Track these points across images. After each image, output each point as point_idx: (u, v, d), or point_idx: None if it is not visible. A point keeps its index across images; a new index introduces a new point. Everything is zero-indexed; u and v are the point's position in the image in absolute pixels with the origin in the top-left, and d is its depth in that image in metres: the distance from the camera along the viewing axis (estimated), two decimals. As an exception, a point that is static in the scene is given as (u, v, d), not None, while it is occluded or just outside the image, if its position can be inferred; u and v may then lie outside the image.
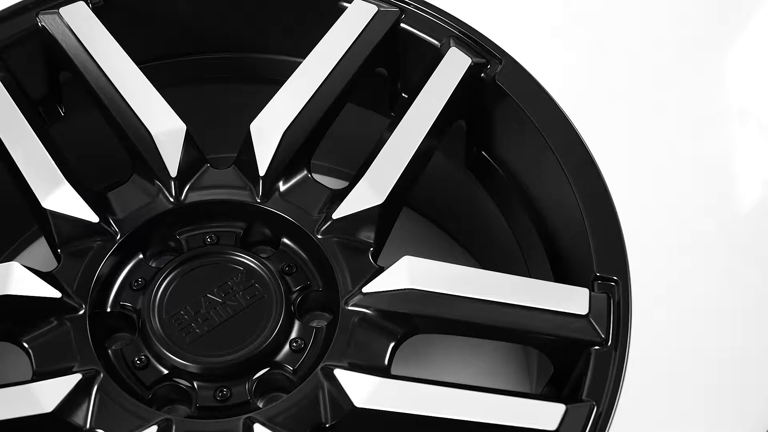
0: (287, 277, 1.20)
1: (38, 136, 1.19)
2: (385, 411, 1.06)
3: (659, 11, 1.41)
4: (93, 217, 1.18)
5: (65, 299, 1.13)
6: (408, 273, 1.13)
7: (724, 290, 1.26)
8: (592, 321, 1.08)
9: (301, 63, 1.25)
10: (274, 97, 1.23)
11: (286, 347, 1.16)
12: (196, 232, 1.23)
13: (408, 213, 1.44)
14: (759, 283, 1.27)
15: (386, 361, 1.12)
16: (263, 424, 1.07)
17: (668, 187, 1.30)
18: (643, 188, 1.28)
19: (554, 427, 1.03)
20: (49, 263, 1.18)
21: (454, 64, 1.23)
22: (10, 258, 1.42)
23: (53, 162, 1.18)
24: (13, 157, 1.18)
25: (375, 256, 1.19)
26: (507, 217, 1.29)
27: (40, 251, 1.39)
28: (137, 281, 1.20)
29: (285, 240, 1.23)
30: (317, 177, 1.25)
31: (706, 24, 1.42)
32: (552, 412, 1.04)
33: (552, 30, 1.34)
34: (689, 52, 1.38)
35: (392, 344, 1.13)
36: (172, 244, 1.23)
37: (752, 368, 1.23)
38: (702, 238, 1.27)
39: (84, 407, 1.08)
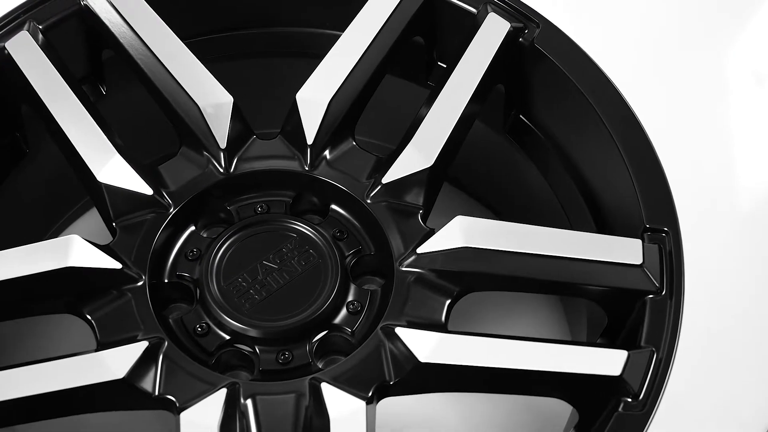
0: (339, 243, 1.22)
1: (89, 112, 1.20)
2: (449, 365, 1.08)
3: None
4: (147, 190, 1.20)
5: (125, 270, 1.15)
6: (461, 232, 1.15)
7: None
8: (647, 270, 1.11)
9: (338, 36, 1.27)
10: (317, 68, 1.25)
11: (344, 310, 1.18)
12: (246, 202, 1.25)
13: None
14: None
15: (443, 319, 1.15)
16: (329, 383, 1.09)
17: (707, 142, 1.33)
18: (683, 144, 1.31)
19: (618, 372, 1.06)
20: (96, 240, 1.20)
21: (494, 30, 1.26)
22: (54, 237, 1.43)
23: (105, 137, 1.20)
24: (66, 133, 1.19)
25: (424, 219, 1.21)
26: (548, 179, 1.31)
27: (82, 230, 1.40)
28: (192, 251, 1.21)
29: (334, 207, 1.25)
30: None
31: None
32: (615, 358, 1.07)
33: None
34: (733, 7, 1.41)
35: (448, 302, 1.15)
36: (223, 214, 1.25)
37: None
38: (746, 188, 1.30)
39: (152, 374, 1.10)
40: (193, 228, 1.24)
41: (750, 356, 1.18)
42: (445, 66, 1.33)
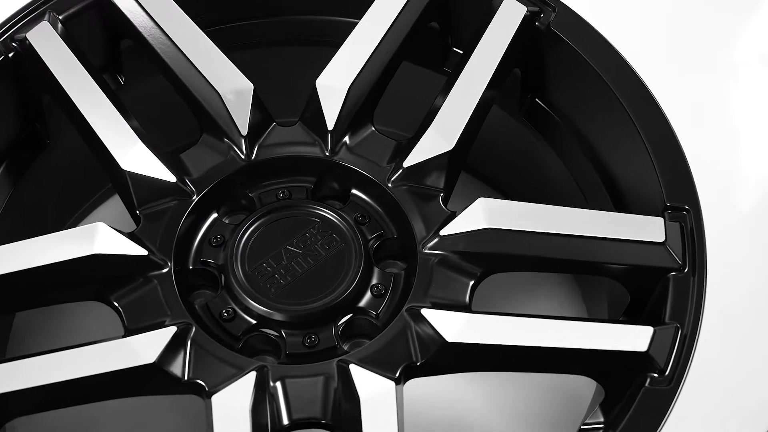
0: (361, 227, 1.23)
1: (111, 101, 1.21)
2: (477, 344, 1.09)
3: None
4: (170, 177, 1.20)
5: (151, 257, 1.16)
6: (483, 213, 1.16)
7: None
8: (669, 248, 1.12)
9: (355, 23, 1.28)
10: (336, 55, 1.26)
11: (368, 293, 1.19)
12: (268, 189, 1.26)
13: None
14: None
15: (467, 300, 1.16)
16: (358, 365, 1.10)
17: (724, 121, 1.35)
18: (700, 124, 1.32)
19: (645, 348, 1.07)
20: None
21: (510, 14, 1.27)
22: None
23: (128, 125, 1.20)
24: (90, 122, 1.20)
25: (445, 202, 1.22)
26: (565, 161, 1.33)
27: (101, 219, 1.41)
28: (216, 238, 1.22)
29: (355, 191, 1.26)
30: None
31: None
32: (641, 335, 1.08)
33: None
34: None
35: (472, 283, 1.16)
36: (245, 201, 1.26)
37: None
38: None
39: (180, 358, 1.11)
40: (215, 215, 1.24)
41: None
42: (461, 52, 1.35)
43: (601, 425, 1.11)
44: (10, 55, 1.23)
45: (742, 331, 1.17)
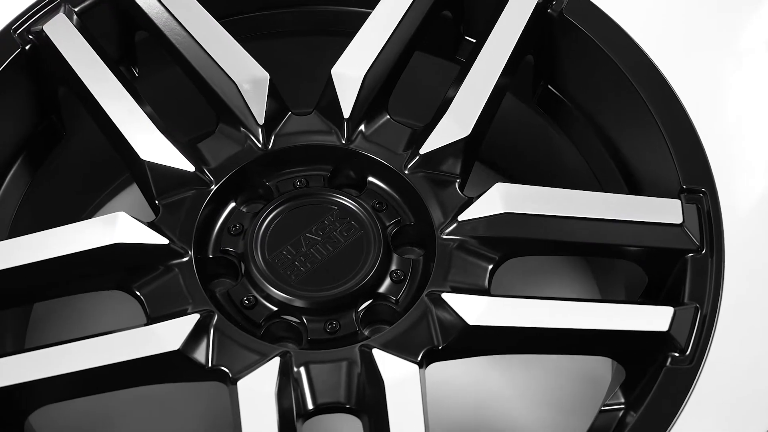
0: (379, 214, 1.24)
1: (129, 92, 1.22)
2: (499, 326, 1.10)
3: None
4: (189, 167, 1.21)
5: (172, 246, 1.17)
6: (501, 198, 1.17)
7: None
8: (687, 230, 1.13)
9: (368, 13, 1.29)
10: (351, 43, 1.27)
11: (387, 279, 1.20)
12: (285, 177, 1.27)
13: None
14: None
15: (486, 284, 1.17)
16: (381, 349, 1.10)
17: (738, 104, 1.36)
18: (714, 107, 1.34)
19: (666, 327, 1.08)
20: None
21: (523, 1, 1.28)
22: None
23: (146, 115, 1.21)
24: (108, 113, 1.21)
25: (462, 188, 1.23)
26: (578, 146, 1.33)
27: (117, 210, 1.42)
28: (235, 226, 1.23)
29: (371, 179, 1.27)
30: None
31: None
32: (661, 315, 1.09)
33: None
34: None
35: (491, 267, 1.17)
36: (262, 190, 1.26)
37: None
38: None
39: (204, 346, 1.11)
40: (233, 204, 1.25)
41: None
42: (473, 41, 1.36)
43: (622, 406, 1.12)
44: (27, 47, 1.24)
45: (760, 311, 1.19)
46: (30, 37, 1.24)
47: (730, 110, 1.35)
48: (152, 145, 1.20)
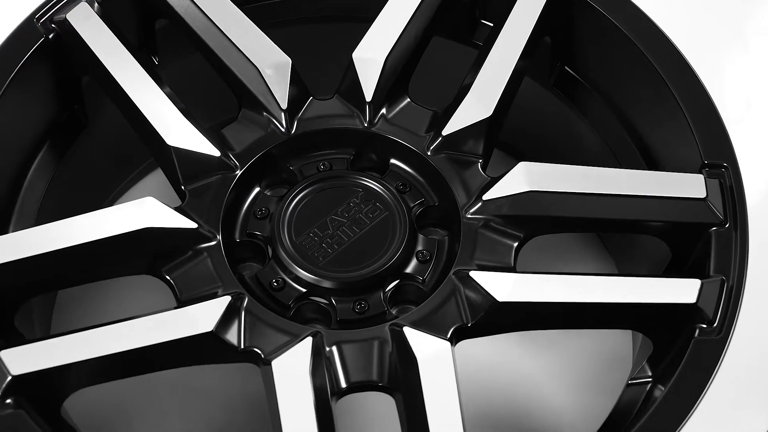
0: (403, 195, 1.25)
1: (153, 79, 1.23)
2: (528, 302, 1.11)
3: None
4: (215, 152, 1.22)
5: (200, 230, 1.18)
6: (525, 177, 1.18)
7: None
8: (710, 204, 1.15)
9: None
10: (371, 28, 1.28)
11: (414, 259, 1.21)
12: (309, 161, 1.28)
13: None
14: None
15: (512, 262, 1.18)
16: (411, 327, 1.11)
17: (756, 80, 1.37)
18: (732, 84, 1.35)
19: (693, 299, 1.09)
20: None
21: (541, -18, 1.29)
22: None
23: (171, 102, 1.22)
24: (134, 100, 1.21)
25: (484, 168, 1.24)
26: (597, 127, 1.35)
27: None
28: (261, 210, 1.24)
29: (394, 161, 1.28)
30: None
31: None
32: (689, 287, 1.10)
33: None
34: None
35: (516, 245, 1.19)
36: (285, 174, 1.27)
37: None
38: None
39: (236, 327, 1.12)
40: (258, 188, 1.26)
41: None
42: (489, 24, 1.37)
43: (650, 379, 1.14)
44: (50, 36, 1.25)
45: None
46: (53, 26, 1.25)
47: (749, 86, 1.36)
48: (178, 130, 1.21)
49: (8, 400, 1.04)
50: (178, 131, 1.21)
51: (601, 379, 1.35)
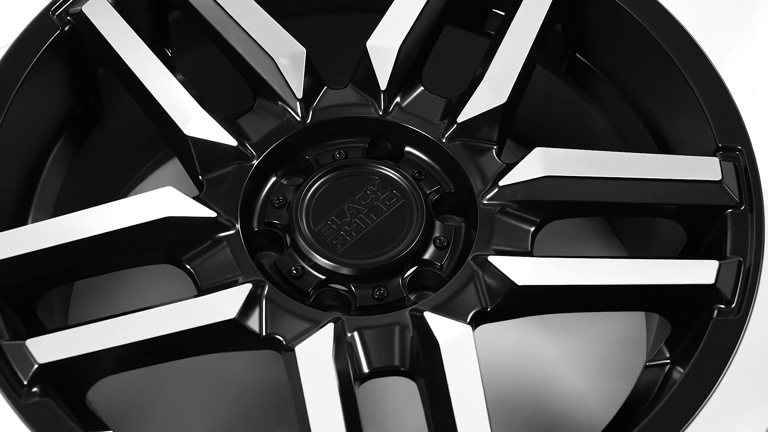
0: (419, 182, 1.26)
1: (169, 70, 1.23)
2: (547, 285, 1.12)
3: None
4: (232, 141, 1.23)
5: (219, 219, 1.18)
6: (541, 162, 1.19)
7: None
8: (726, 186, 1.16)
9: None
10: (384, 17, 1.29)
11: (431, 246, 1.22)
12: (325, 150, 1.29)
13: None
14: None
15: (529, 247, 1.19)
16: (432, 312, 1.12)
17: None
18: (743, 68, 1.36)
19: (712, 280, 1.10)
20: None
21: (551, -30, 1.30)
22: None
23: (187, 92, 1.23)
24: (150, 91, 1.22)
25: (499, 155, 1.25)
26: (608, 114, 1.36)
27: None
28: (278, 199, 1.25)
29: (409, 149, 1.29)
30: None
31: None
32: (707, 268, 1.11)
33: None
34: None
35: (533, 230, 1.20)
36: (301, 163, 1.28)
37: None
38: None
39: (257, 314, 1.13)
40: (274, 177, 1.27)
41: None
42: (501, 13, 1.38)
43: (668, 361, 1.15)
44: (66, 28, 1.25)
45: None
46: (68, 18, 1.26)
47: (760, 69, 1.37)
48: (195, 120, 1.22)
49: (35, 389, 1.05)
50: (195, 121, 1.22)
51: (617, 362, 1.36)
